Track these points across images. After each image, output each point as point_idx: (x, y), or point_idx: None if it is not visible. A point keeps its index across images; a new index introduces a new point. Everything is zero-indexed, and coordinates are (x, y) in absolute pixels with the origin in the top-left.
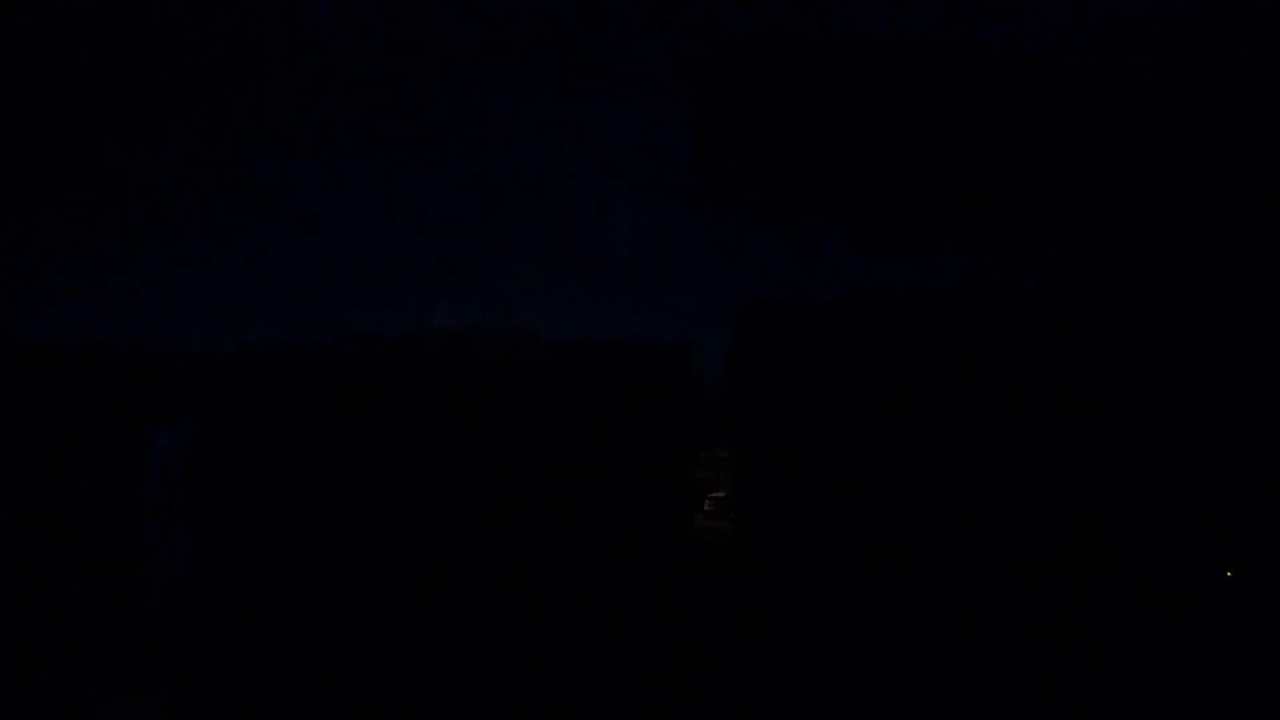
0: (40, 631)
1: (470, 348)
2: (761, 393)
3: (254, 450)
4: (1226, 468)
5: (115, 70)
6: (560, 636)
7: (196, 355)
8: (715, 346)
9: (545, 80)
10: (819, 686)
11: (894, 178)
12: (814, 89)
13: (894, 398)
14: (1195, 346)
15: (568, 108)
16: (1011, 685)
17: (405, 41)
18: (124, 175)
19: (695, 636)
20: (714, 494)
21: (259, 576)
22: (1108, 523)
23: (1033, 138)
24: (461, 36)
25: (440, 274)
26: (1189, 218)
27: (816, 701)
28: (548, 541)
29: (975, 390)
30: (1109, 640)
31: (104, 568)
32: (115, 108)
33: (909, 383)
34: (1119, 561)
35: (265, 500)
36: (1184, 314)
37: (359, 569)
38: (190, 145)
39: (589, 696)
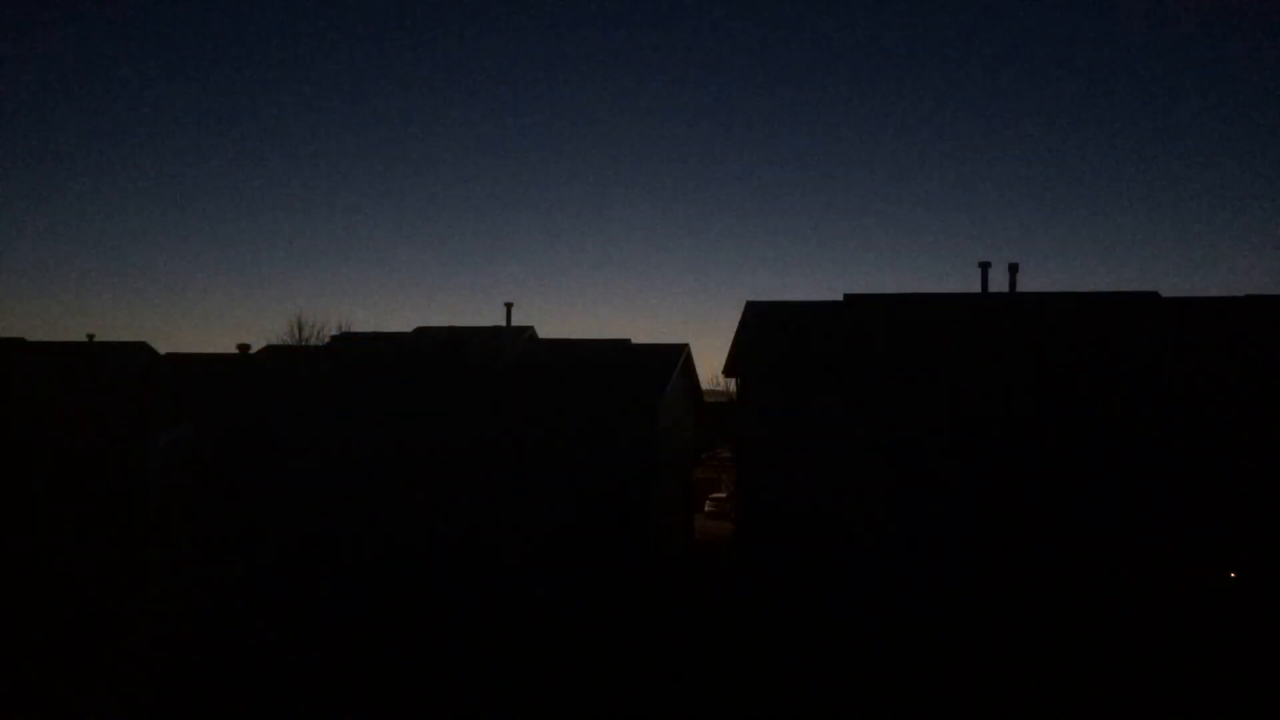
0: (44, 629)
1: (470, 347)
2: (762, 392)
3: (254, 450)
4: (1225, 469)
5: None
6: (558, 633)
7: (196, 355)
8: (715, 347)
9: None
10: (818, 683)
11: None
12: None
13: (895, 398)
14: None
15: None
16: (1009, 683)
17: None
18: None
19: (695, 635)
20: (715, 494)
21: (260, 573)
22: (1108, 522)
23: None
24: (464, 36)
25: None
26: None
27: (816, 698)
28: (545, 540)
29: (976, 391)
30: (1110, 644)
31: (105, 565)
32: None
33: (909, 383)
34: (1120, 562)
35: (266, 498)
36: (1178, 314)
37: (359, 565)
38: (189, 144)
39: (588, 692)
